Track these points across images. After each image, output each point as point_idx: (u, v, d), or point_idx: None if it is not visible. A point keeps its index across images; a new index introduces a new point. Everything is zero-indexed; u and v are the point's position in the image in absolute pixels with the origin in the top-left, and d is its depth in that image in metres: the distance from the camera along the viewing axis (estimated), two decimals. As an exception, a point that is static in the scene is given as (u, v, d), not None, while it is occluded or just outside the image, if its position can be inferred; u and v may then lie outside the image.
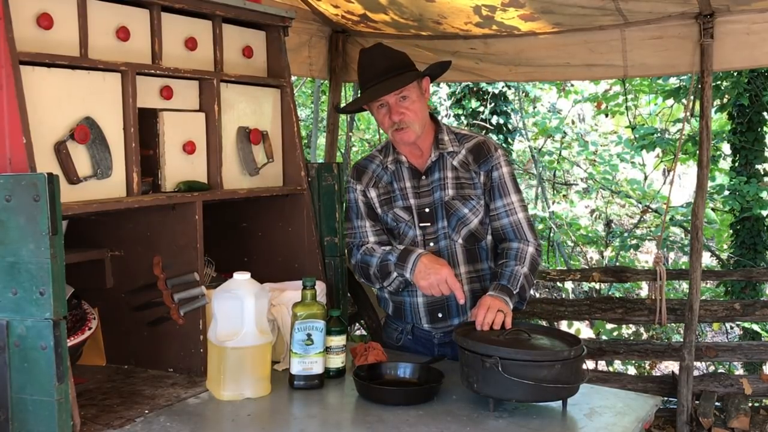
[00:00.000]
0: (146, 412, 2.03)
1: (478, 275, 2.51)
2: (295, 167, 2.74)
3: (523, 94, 10.04)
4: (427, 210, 2.49)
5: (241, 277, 2.17)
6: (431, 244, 2.48)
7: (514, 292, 2.36)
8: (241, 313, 2.13)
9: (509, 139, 9.43)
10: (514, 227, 2.48)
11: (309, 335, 2.20)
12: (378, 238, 2.57)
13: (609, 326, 6.10)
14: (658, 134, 8.18)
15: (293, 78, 3.06)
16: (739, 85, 6.75)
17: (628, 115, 9.13)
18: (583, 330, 6.99)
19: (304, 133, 9.08)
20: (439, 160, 2.50)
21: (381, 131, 7.08)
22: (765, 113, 7.02)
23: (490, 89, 9.12)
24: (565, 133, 10.09)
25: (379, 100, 2.41)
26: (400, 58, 2.44)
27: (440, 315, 2.51)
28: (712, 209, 8.16)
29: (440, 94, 9.96)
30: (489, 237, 2.53)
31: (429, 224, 2.49)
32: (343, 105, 2.60)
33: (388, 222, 2.56)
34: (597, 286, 7.66)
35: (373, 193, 2.57)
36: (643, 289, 8.13)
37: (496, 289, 2.35)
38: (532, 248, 2.47)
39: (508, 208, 2.49)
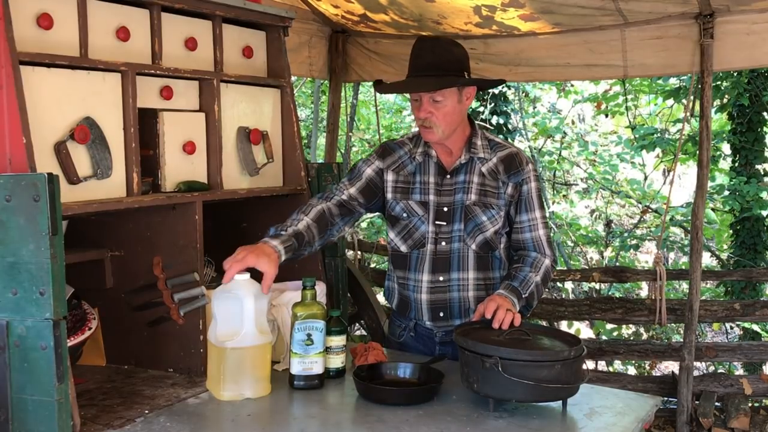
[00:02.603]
0: (146, 412, 2.03)
1: (485, 283, 2.50)
2: (295, 167, 2.74)
3: (523, 94, 10.04)
4: (445, 209, 2.48)
5: (241, 278, 2.16)
6: (443, 243, 2.47)
7: (523, 296, 2.36)
8: (241, 314, 2.13)
9: (509, 139, 9.43)
10: (535, 242, 2.50)
11: (309, 335, 2.20)
12: (348, 200, 2.49)
13: (609, 326, 6.09)
14: (658, 134, 8.18)
15: (293, 78, 3.07)
16: (739, 85, 6.75)
17: (628, 115, 9.13)
18: (583, 330, 6.99)
19: (304, 133, 9.08)
20: (469, 164, 2.48)
21: (381, 131, 7.09)
22: (765, 113, 7.02)
23: (489, 89, 9.11)
24: (565, 133, 10.09)
25: (415, 93, 2.39)
26: (449, 58, 2.36)
27: (441, 314, 2.51)
28: (712, 209, 8.15)
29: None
30: (502, 247, 2.53)
31: (445, 223, 2.47)
32: (376, 86, 2.59)
33: (397, 211, 2.52)
34: (597, 286, 7.66)
35: (390, 177, 2.54)
36: (643, 289, 8.13)
37: (507, 288, 2.35)
38: (549, 261, 2.50)
39: (532, 224, 2.50)
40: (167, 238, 2.34)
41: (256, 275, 2.24)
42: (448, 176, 2.49)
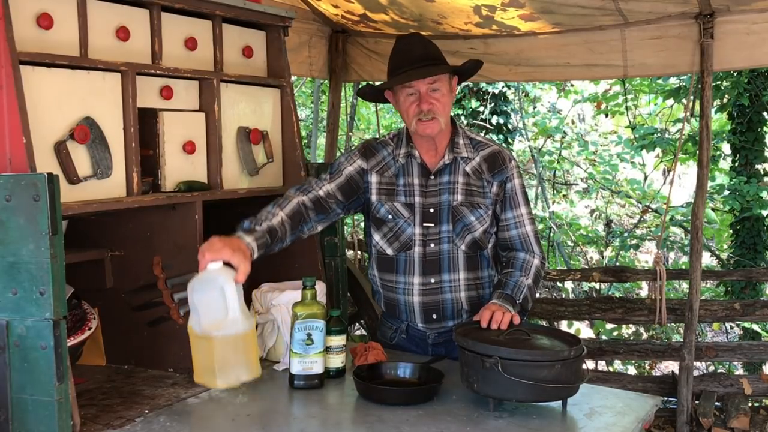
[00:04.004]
0: (146, 412, 2.03)
1: (476, 283, 2.50)
2: (295, 167, 2.74)
3: (523, 94, 10.05)
4: (431, 210, 2.46)
5: (216, 266, 2.10)
6: (432, 245, 2.46)
7: (517, 302, 2.35)
8: (224, 301, 2.07)
9: (509, 139, 9.43)
10: (522, 239, 2.49)
11: (309, 335, 2.20)
12: (325, 197, 2.46)
13: (609, 326, 6.10)
14: (658, 134, 8.19)
15: (293, 78, 3.07)
16: (739, 85, 6.75)
17: (628, 115, 9.14)
18: (583, 330, 6.99)
19: (304, 133, 9.08)
20: (452, 164, 2.47)
21: (381, 131, 7.09)
22: (765, 113, 7.02)
23: (490, 89, 9.12)
24: (565, 133, 10.10)
25: (410, 87, 2.38)
26: (437, 50, 2.45)
27: (434, 316, 2.50)
28: (712, 209, 8.16)
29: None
30: (490, 245, 2.52)
31: (432, 225, 2.46)
32: (357, 93, 2.55)
33: (382, 213, 2.50)
34: (597, 286, 7.66)
35: (374, 178, 2.51)
36: (643, 289, 8.14)
37: (500, 297, 2.34)
38: (538, 261, 2.48)
39: (518, 220, 2.49)
40: (167, 238, 2.34)
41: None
42: (432, 177, 2.47)
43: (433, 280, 2.47)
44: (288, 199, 2.41)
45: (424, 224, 2.46)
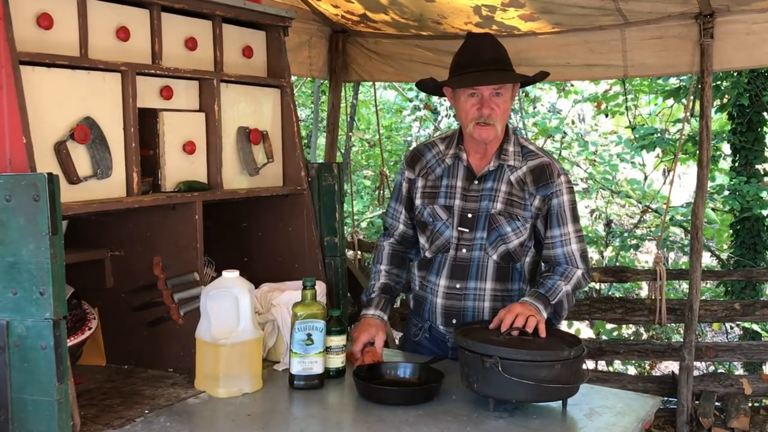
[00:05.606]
0: (146, 412, 2.03)
1: (503, 295, 2.45)
2: (295, 167, 2.74)
3: (523, 94, 10.04)
4: (469, 215, 2.43)
5: (232, 275, 2.17)
6: (464, 250, 2.43)
7: (551, 303, 2.32)
8: (236, 311, 2.14)
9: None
10: (567, 257, 2.43)
11: (309, 335, 2.20)
12: (406, 228, 2.62)
13: (609, 326, 6.10)
14: (658, 134, 8.17)
15: (293, 78, 3.07)
16: (739, 85, 6.74)
17: (628, 115, 9.12)
18: (583, 330, 6.98)
19: (304, 133, 9.07)
20: (498, 170, 2.44)
21: (381, 131, 7.06)
22: (765, 113, 7.01)
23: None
24: (565, 133, 10.08)
25: (475, 89, 2.35)
26: (506, 54, 2.42)
27: (455, 321, 2.48)
28: (712, 209, 8.14)
29: (440, 93, 9.94)
30: (527, 259, 2.47)
31: (467, 230, 2.43)
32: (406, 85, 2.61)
33: (424, 216, 2.51)
34: (597, 286, 7.65)
35: (420, 183, 2.54)
36: (643, 289, 8.12)
37: (532, 296, 2.32)
38: (581, 272, 2.43)
39: (564, 239, 2.43)
40: (167, 238, 2.34)
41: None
42: (476, 182, 2.45)
43: (458, 286, 2.45)
44: (381, 251, 2.64)
45: (460, 228, 2.44)
